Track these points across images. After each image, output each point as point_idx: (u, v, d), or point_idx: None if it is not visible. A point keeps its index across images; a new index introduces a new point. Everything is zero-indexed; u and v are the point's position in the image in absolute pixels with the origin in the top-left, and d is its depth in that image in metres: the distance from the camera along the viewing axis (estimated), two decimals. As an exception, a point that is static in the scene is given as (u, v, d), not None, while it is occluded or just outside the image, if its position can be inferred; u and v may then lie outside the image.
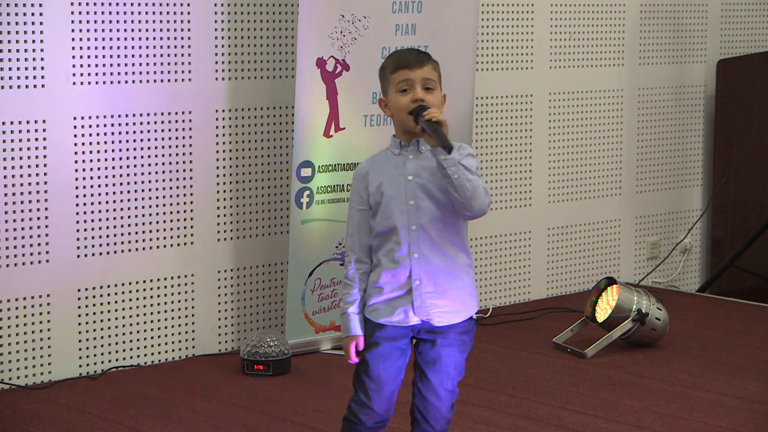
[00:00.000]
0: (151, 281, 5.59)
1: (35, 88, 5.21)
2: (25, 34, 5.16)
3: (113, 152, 5.44)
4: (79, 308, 5.40)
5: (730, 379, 5.38)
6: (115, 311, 5.50)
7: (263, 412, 4.91)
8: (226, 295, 5.81)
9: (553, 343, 5.90)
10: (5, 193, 5.18)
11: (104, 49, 5.37)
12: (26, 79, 5.18)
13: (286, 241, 5.76)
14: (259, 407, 4.98)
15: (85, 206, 5.38)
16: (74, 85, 5.31)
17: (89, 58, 5.33)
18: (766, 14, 7.76)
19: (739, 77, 7.37)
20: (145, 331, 5.59)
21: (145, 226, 5.55)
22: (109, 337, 5.49)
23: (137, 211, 5.52)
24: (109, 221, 5.45)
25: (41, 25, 5.19)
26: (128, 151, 5.48)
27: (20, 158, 5.20)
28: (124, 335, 5.54)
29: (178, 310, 5.68)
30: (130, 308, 5.54)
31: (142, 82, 5.48)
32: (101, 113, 5.39)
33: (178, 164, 5.62)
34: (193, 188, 5.67)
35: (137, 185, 5.51)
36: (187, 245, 5.68)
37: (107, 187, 5.43)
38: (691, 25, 7.41)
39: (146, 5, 5.46)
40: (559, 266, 6.98)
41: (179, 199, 5.63)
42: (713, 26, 7.51)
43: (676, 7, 7.34)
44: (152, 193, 5.56)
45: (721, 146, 7.48)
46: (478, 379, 5.34)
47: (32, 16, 5.17)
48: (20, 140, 5.19)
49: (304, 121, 5.54)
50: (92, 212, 5.40)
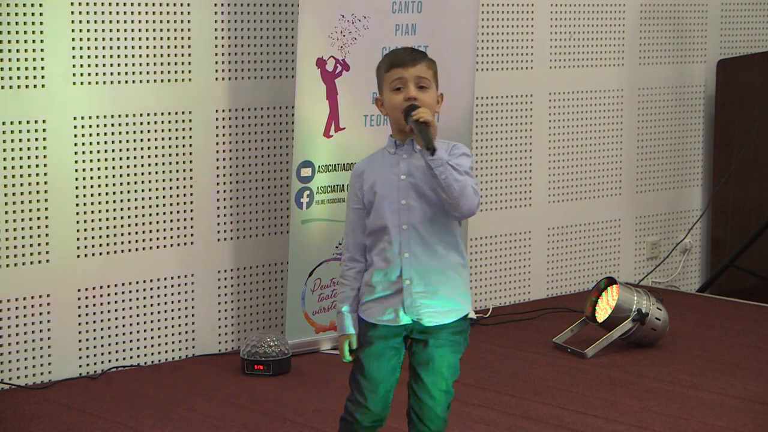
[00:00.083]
0: (151, 281, 5.59)
1: (35, 88, 5.21)
2: (25, 34, 5.16)
3: (113, 152, 5.44)
4: (79, 308, 5.40)
5: (730, 379, 5.38)
6: (115, 311, 5.50)
7: (263, 412, 4.91)
8: (226, 295, 5.81)
9: (553, 343, 5.90)
10: (5, 193, 5.18)
11: (104, 49, 5.37)
12: (26, 79, 5.18)
13: (286, 241, 5.76)
14: (259, 407, 4.97)
15: (85, 206, 5.38)
16: (74, 85, 5.31)
17: (89, 58, 5.33)
18: (766, 14, 7.76)
19: (739, 77, 7.37)
20: (145, 331, 5.59)
21: (145, 226, 5.55)
22: (109, 337, 5.49)
23: (137, 211, 5.52)
24: (109, 221, 5.44)
25: (41, 25, 5.19)
26: (128, 151, 5.48)
27: (20, 158, 5.19)
28: (124, 335, 5.53)
29: (178, 310, 5.68)
30: (130, 308, 5.54)
31: (142, 82, 5.48)
32: (101, 113, 5.39)
33: (178, 164, 5.62)
34: (193, 188, 5.67)
35: (137, 185, 5.51)
36: (187, 245, 5.68)
37: (107, 187, 5.43)
38: (691, 25, 7.41)
39: (146, 5, 5.46)
40: (559, 266, 6.98)
41: (179, 199, 5.63)
42: (713, 26, 7.51)
43: (676, 7, 7.34)
44: (152, 193, 5.55)
45: (721, 146, 7.48)
46: (478, 379, 5.34)
47: (32, 16, 5.17)
48: (20, 140, 5.19)
49: (304, 121, 5.54)
50: (92, 212, 5.40)
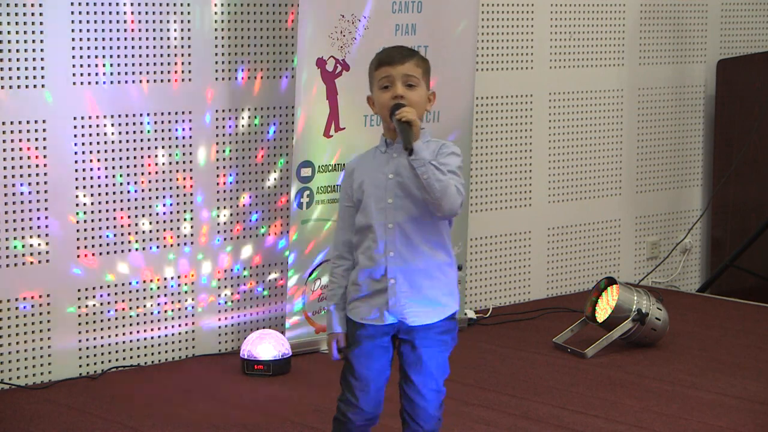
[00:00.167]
0: (151, 281, 5.59)
1: (35, 88, 5.21)
2: (25, 34, 5.16)
3: (113, 152, 5.43)
4: (79, 308, 5.40)
5: (730, 379, 5.38)
6: (115, 311, 5.50)
7: (263, 412, 4.91)
8: (226, 295, 5.81)
9: (553, 343, 5.90)
10: (5, 193, 5.18)
11: (104, 49, 5.37)
12: (26, 79, 5.18)
13: (286, 241, 5.76)
14: (259, 407, 4.97)
15: (85, 206, 5.38)
16: (74, 85, 5.31)
17: (89, 58, 5.33)
18: (766, 14, 7.76)
19: (739, 77, 7.37)
20: (145, 331, 5.59)
21: (145, 226, 5.55)
22: (109, 337, 5.49)
23: (137, 211, 5.52)
24: (109, 221, 5.44)
25: (41, 25, 5.19)
26: (128, 151, 5.48)
27: (20, 158, 5.19)
28: (124, 335, 5.53)
29: (177, 310, 5.68)
30: (130, 308, 5.54)
31: (142, 82, 5.48)
32: (101, 113, 5.39)
33: (178, 164, 5.61)
34: (193, 188, 5.67)
35: (137, 185, 5.51)
36: (187, 245, 5.68)
37: (107, 187, 5.42)
38: (691, 25, 7.41)
39: (146, 5, 5.46)
40: (559, 266, 6.98)
41: (179, 199, 5.63)
42: (713, 26, 7.50)
43: (676, 7, 7.34)
44: (152, 193, 5.55)
45: (721, 146, 7.48)
46: (478, 379, 5.34)
47: (32, 16, 5.17)
48: (20, 140, 5.19)
49: (304, 121, 5.54)
50: (92, 212, 5.40)
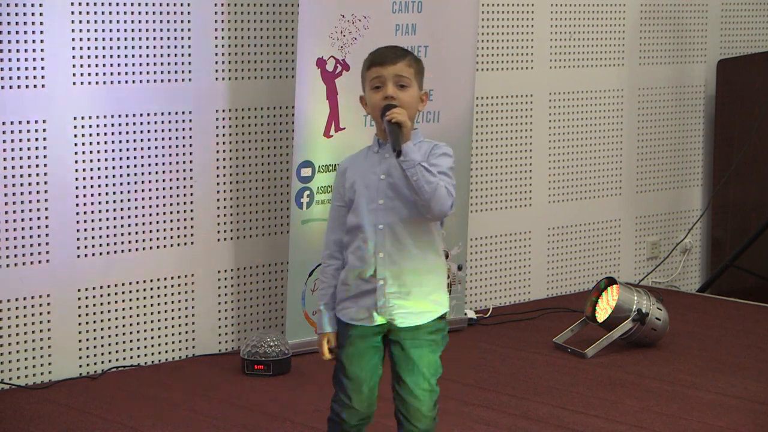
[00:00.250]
0: (151, 281, 5.59)
1: (35, 88, 5.21)
2: (25, 34, 5.16)
3: (113, 152, 5.43)
4: (79, 308, 5.40)
5: (730, 379, 5.38)
6: (115, 311, 5.50)
7: (263, 412, 4.91)
8: (226, 295, 5.81)
9: (553, 343, 5.90)
10: (5, 193, 5.17)
11: (104, 49, 5.37)
12: (26, 79, 5.18)
13: (286, 241, 5.76)
14: (259, 407, 4.97)
15: (85, 206, 5.37)
16: (74, 85, 5.31)
17: (89, 58, 5.33)
18: (766, 14, 7.76)
19: (739, 77, 7.37)
20: (145, 331, 5.59)
21: (145, 226, 5.55)
22: (109, 337, 5.49)
23: (137, 211, 5.52)
24: (109, 221, 5.44)
25: (41, 25, 5.19)
26: (128, 151, 5.47)
27: (20, 158, 5.19)
28: (124, 335, 5.53)
29: (178, 310, 5.68)
30: (130, 308, 5.54)
31: (142, 82, 5.48)
32: (101, 113, 5.39)
33: (178, 164, 5.61)
34: (193, 188, 5.67)
35: (137, 185, 5.51)
36: (187, 245, 5.68)
37: (107, 187, 5.42)
38: (691, 25, 7.41)
39: (146, 5, 5.46)
40: (559, 266, 6.98)
41: (179, 199, 5.63)
42: (713, 26, 7.50)
43: (676, 7, 7.34)
44: (152, 193, 5.55)
45: (721, 146, 7.48)
46: (478, 379, 5.34)
47: (32, 16, 5.17)
48: (20, 140, 5.19)
49: (304, 121, 5.54)
50: (92, 212, 5.40)
